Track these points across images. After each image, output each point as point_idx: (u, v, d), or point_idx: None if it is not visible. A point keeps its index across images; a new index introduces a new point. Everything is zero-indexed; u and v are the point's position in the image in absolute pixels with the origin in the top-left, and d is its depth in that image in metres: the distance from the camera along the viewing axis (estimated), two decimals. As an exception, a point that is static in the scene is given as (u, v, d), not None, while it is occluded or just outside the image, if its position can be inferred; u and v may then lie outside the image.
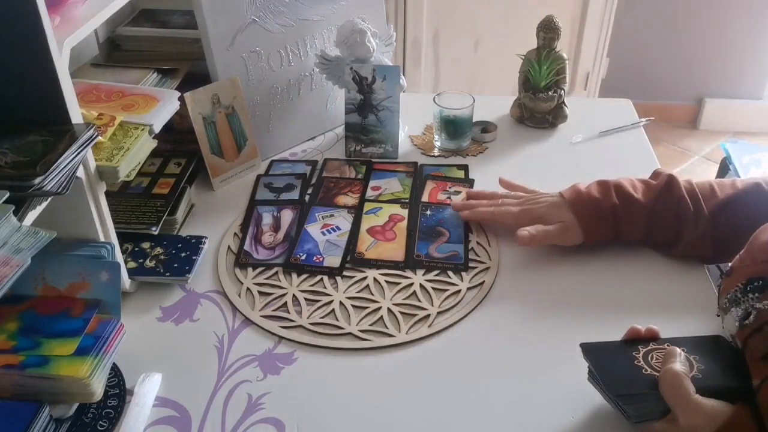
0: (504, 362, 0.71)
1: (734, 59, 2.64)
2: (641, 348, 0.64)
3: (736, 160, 1.39)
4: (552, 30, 1.09)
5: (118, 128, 0.76)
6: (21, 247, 0.54)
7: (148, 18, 1.09)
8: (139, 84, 0.92)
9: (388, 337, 0.74)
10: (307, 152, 1.10)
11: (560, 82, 1.12)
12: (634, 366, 0.62)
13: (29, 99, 0.64)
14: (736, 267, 0.65)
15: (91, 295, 0.68)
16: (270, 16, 1.01)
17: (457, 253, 0.85)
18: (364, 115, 1.05)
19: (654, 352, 0.63)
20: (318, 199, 0.96)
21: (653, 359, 0.62)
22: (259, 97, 1.04)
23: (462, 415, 0.66)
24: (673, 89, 2.74)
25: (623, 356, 0.63)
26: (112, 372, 0.69)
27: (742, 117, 2.72)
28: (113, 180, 0.72)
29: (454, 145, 1.09)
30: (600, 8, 2.06)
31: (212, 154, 0.98)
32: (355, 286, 0.81)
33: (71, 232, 0.70)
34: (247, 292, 0.81)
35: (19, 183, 0.57)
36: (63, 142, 0.62)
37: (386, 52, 1.10)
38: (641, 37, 2.62)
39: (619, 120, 1.16)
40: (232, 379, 0.70)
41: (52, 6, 0.63)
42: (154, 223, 0.85)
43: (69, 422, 0.63)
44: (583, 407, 0.66)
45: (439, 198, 0.96)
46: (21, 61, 0.61)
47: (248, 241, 0.88)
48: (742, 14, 2.54)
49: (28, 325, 0.65)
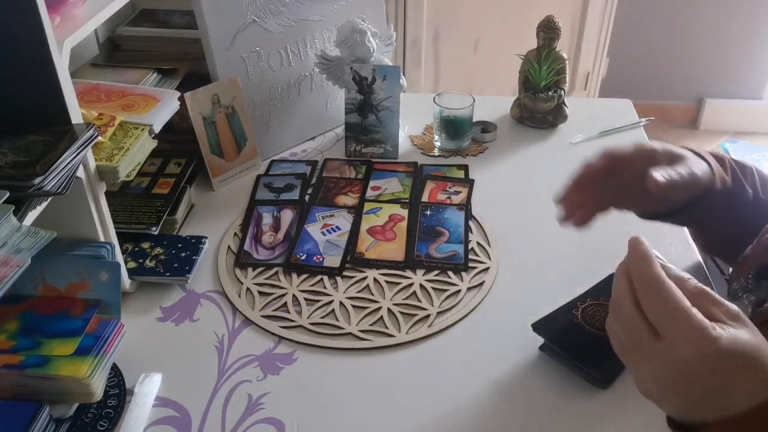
0: (504, 362, 0.71)
1: (734, 59, 2.64)
2: (579, 305, 0.72)
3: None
4: (552, 30, 1.09)
5: (118, 128, 0.76)
6: (21, 247, 0.54)
7: (148, 18, 1.09)
8: (139, 84, 0.92)
9: (388, 337, 0.74)
10: (307, 152, 1.10)
11: (560, 82, 1.12)
12: (574, 324, 0.70)
13: (29, 99, 0.64)
14: (749, 255, 0.65)
15: (91, 295, 0.68)
16: (270, 16, 1.01)
17: (457, 253, 0.85)
18: (364, 115, 1.05)
19: (590, 308, 0.72)
20: (318, 199, 0.96)
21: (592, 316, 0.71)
22: (259, 97, 1.04)
23: (462, 415, 0.66)
24: (673, 89, 2.74)
25: (566, 319, 0.71)
26: (112, 372, 0.69)
27: (742, 117, 2.72)
28: (113, 180, 0.72)
29: (454, 145, 1.09)
30: (600, 8, 2.05)
31: (212, 154, 0.98)
32: (355, 286, 0.81)
33: (71, 232, 0.70)
34: (247, 292, 0.81)
35: (19, 183, 0.57)
36: (63, 142, 0.62)
37: (386, 52, 1.10)
38: (641, 37, 2.61)
39: (619, 120, 1.16)
40: (232, 379, 0.70)
41: (52, 6, 0.63)
42: (154, 223, 0.85)
43: (69, 422, 0.63)
44: (584, 406, 0.66)
45: (439, 198, 0.96)
46: (21, 61, 0.61)
47: (248, 241, 0.88)
48: (742, 14, 2.54)
49: (28, 325, 0.65)
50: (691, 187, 0.68)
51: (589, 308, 0.73)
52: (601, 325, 0.71)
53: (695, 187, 0.68)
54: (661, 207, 0.73)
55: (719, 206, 0.71)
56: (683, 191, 0.68)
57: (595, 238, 0.89)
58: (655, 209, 0.74)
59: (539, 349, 0.71)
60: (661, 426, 0.64)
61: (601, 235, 0.89)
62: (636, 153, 0.69)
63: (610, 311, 0.51)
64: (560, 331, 0.70)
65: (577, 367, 0.68)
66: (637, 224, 0.84)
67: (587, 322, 0.71)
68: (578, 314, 0.72)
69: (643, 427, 0.64)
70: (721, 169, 0.71)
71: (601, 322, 0.71)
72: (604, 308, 0.73)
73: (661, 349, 0.47)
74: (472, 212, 0.94)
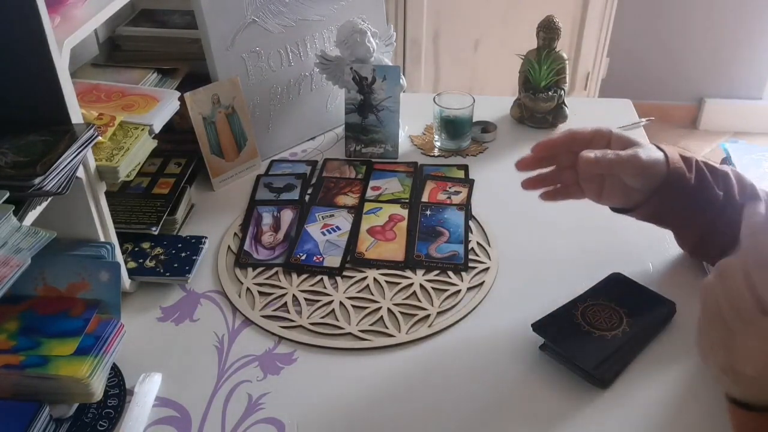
0: (504, 362, 0.71)
1: (734, 59, 2.64)
2: (579, 305, 0.73)
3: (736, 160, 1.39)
4: (552, 30, 1.09)
5: (118, 128, 0.76)
6: (21, 247, 0.54)
7: (148, 18, 1.09)
8: (139, 84, 0.92)
9: (388, 337, 0.74)
10: (307, 152, 1.10)
11: (560, 82, 1.12)
12: (574, 324, 0.70)
13: (29, 99, 0.64)
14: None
15: (91, 295, 0.68)
16: (270, 16, 1.01)
17: (457, 253, 0.85)
18: (364, 115, 1.05)
19: (590, 309, 0.72)
20: (318, 199, 0.96)
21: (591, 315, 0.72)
22: (259, 97, 1.04)
23: (462, 415, 0.66)
24: (673, 89, 2.74)
25: (566, 320, 0.72)
26: (112, 372, 0.69)
27: (742, 117, 2.72)
28: (113, 180, 0.72)
29: (454, 145, 1.09)
30: (600, 8, 2.05)
31: (212, 154, 0.98)
32: (355, 286, 0.81)
33: (71, 232, 0.70)
34: (247, 292, 0.81)
35: (19, 183, 0.57)
36: (63, 142, 0.62)
37: (386, 52, 1.10)
38: (641, 37, 2.61)
39: (619, 120, 1.16)
40: (232, 379, 0.70)
41: (52, 6, 0.63)
42: (154, 223, 0.85)
43: (69, 422, 0.63)
44: (584, 406, 0.66)
45: (439, 198, 0.96)
46: (21, 61, 0.61)
47: (248, 241, 0.88)
48: (742, 14, 2.54)
49: (28, 325, 0.65)
50: (636, 171, 0.72)
51: (589, 308, 0.73)
52: (601, 325, 0.71)
53: (645, 173, 0.72)
54: (626, 199, 0.76)
55: (680, 202, 0.74)
56: (624, 173, 0.72)
57: (595, 238, 0.89)
58: (620, 201, 0.77)
59: (539, 349, 0.71)
60: (661, 426, 0.64)
61: (601, 235, 0.89)
62: (594, 135, 0.76)
63: (716, 273, 0.50)
64: (560, 331, 0.70)
65: (577, 367, 0.68)
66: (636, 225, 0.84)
67: (587, 322, 0.71)
68: (578, 314, 0.72)
69: (643, 427, 0.64)
70: (680, 163, 0.73)
71: (601, 322, 0.71)
72: (604, 308, 0.73)
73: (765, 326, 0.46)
74: (472, 212, 0.94)
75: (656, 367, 0.70)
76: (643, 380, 0.68)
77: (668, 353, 0.71)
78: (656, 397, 0.67)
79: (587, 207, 0.79)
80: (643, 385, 0.68)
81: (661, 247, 0.85)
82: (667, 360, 0.70)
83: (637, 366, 0.70)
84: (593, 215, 0.92)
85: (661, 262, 0.84)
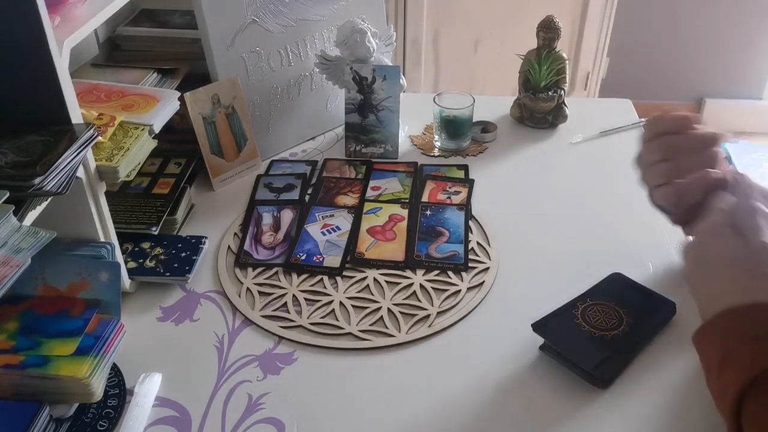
0: (504, 362, 0.71)
1: (734, 59, 2.64)
2: (579, 305, 0.73)
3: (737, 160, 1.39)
4: (552, 30, 1.09)
5: (118, 128, 0.76)
6: (21, 247, 0.54)
7: (148, 18, 1.09)
8: (139, 84, 0.92)
9: (388, 337, 0.74)
10: (307, 152, 1.10)
11: (560, 82, 1.12)
12: (574, 324, 0.71)
13: (29, 99, 0.64)
14: None
15: (91, 295, 0.68)
16: (270, 16, 1.01)
17: (457, 253, 0.85)
18: (364, 115, 1.05)
19: (590, 309, 0.73)
20: (318, 199, 0.96)
21: (591, 315, 0.72)
22: (259, 97, 1.04)
23: (462, 415, 0.66)
24: (673, 89, 2.74)
25: (566, 319, 0.72)
26: (112, 372, 0.69)
27: (742, 117, 2.72)
28: (113, 180, 0.72)
29: (454, 145, 1.09)
30: (600, 8, 2.05)
31: (212, 154, 0.98)
32: (355, 286, 0.81)
33: (71, 232, 0.70)
34: (247, 292, 0.81)
35: (19, 183, 0.57)
36: (63, 142, 0.62)
37: (386, 52, 1.10)
38: (641, 37, 2.61)
39: (619, 120, 1.16)
40: (232, 379, 0.70)
41: (52, 6, 0.63)
42: (154, 223, 0.85)
43: (69, 422, 0.63)
44: (584, 406, 0.66)
45: (439, 198, 0.96)
46: (21, 61, 0.61)
47: (248, 241, 0.88)
48: (742, 14, 2.54)
49: (28, 325, 0.65)
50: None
51: (589, 308, 0.73)
52: (601, 325, 0.71)
53: None
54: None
55: None
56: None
57: (595, 238, 0.89)
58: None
59: (539, 349, 0.71)
60: (660, 426, 0.64)
61: (601, 235, 0.89)
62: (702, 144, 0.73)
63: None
64: (560, 331, 0.70)
65: (577, 367, 0.68)
66: (636, 225, 0.85)
67: (587, 322, 0.71)
68: (578, 314, 0.72)
69: (643, 427, 0.64)
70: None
71: (601, 322, 0.71)
72: (604, 308, 0.73)
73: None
74: (472, 212, 0.94)
75: (656, 367, 0.70)
76: (643, 380, 0.68)
77: (668, 353, 0.71)
78: (656, 397, 0.67)
79: (587, 207, 0.79)
80: (643, 385, 0.68)
81: (661, 247, 0.85)
82: (667, 360, 0.70)
83: (637, 366, 0.70)
84: (593, 215, 0.93)
85: (661, 262, 0.84)
